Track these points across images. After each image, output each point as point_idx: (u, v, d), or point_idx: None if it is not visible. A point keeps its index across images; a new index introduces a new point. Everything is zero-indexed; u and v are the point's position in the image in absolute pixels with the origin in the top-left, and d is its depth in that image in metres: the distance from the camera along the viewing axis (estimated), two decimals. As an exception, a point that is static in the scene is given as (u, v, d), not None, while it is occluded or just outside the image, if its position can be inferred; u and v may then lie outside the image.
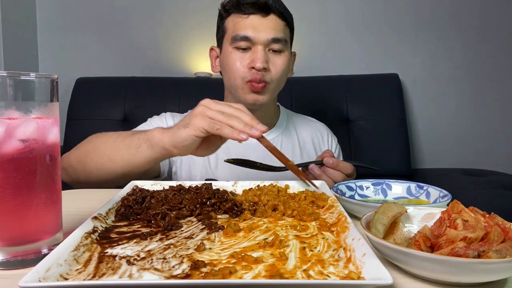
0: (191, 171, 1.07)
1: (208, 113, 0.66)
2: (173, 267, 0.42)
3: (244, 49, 1.00)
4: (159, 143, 0.71)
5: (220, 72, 1.12)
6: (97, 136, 0.88)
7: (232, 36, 1.00)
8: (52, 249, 0.42)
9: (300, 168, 0.91)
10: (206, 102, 0.69)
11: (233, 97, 1.07)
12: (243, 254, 0.44)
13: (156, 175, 1.03)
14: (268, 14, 0.99)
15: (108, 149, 0.81)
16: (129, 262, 0.43)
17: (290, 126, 1.17)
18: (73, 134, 1.81)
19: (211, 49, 1.13)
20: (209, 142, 0.72)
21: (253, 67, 0.97)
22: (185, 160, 1.07)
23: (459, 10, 2.09)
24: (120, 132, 0.85)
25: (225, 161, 0.84)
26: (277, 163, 0.96)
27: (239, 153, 1.07)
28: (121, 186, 0.73)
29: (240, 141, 0.63)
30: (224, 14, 1.05)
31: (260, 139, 0.66)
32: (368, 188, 0.76)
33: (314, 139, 1.18)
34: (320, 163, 0.87)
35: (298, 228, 0.54)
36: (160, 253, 0.46)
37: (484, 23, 2.10)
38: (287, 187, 0.75)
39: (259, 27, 0.98)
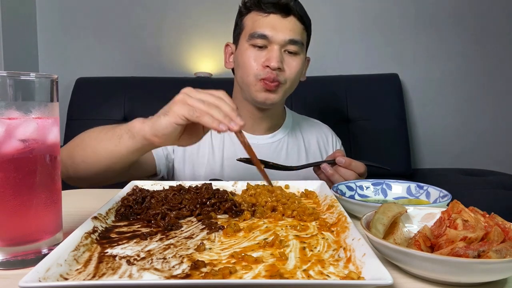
0: (195, 171, 1.07)
1: (188, 100, 0.65)
2: (173, 267, 0.42)
3: (260, 47, 1.00)
4: (140, 133, 0.70)
5: (233, 70, 1.13)
6: (87, 131, 0.88)
7: (250, 33, 1.00)
8: (52, 249, 0.42)
9: (312, 168, 0.91)
10: (187, 90, 0.68)
11: (244, 94, 1.07)
12: (243, 254, 0.44)
13: (151, 174, 1.03)
14: (288, 15, 1.00)
15: (92, 142, 0.81)
16: (129, 262, 0.43)
17: (296, 128, 1.18)
18: (73, 134, 1.79)
19: (227, 45, 1.13)
20: (191, 131, 0.71)
21: (267, 66, 0.98)
22: (188, 160, 1.07)
23: (459, 10, 2.09)
24: (106, 126, 0.84)
25: (237, 160, 0.84)
26: (289, 163, 0.96)
27: (244, 153, 1.07)
28: (120, 186, 0.73)
29: (218, 131, 0.63)
30: (244, 11, 1.06)
31: (237, 133, 0.66)
32: (368, 188, 0.76)
33: (320, 141, 1.19)
34: (332, 162, 0.88)
35: (298, 228, 0.54)
36: (160, 253, 0.46)
37: (484, 23, 2.10)
38: (287, 187, 0.75)
39: (278, 27, 0.98)
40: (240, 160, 0.84)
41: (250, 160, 0.83)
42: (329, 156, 0.92)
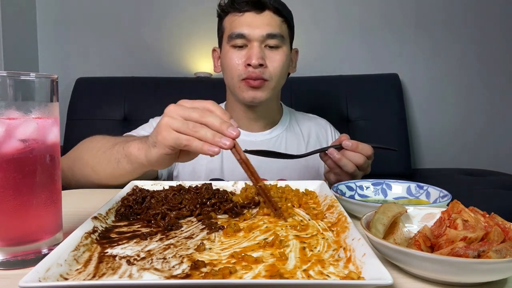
0: (195, 173, 1.07)
1: (173, 125, 0.59)
2: (173, 267, 0.42)
3: (241, 47, 1.00)
4: (137, 160, 0.69)
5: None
6: (86, 142, 0.87)
7: (229, 35, 1.01)
8: (52, 249, 0.42)
9: (318, 154, 0.88)
10: (170, 110, 0.61)
11: (233, 97, 1.07)
12: (243, 254, 0.44)
13: (153, 178, 1.03)
14: (262, 11, 1.00)
15: (91, 160, 0.81)
16: (129, 262, 0.43)
17: (294, 123, 1.18)
18: (73, 134, 1.81)
19: (214, 50, 1.14)
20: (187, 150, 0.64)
21: (249, 64, 0.97)
22: (189, 162, 1.07)
23: (459, 10, 2.09)
24: (105, 140, 0.82)
25: (244, 151, 0.82)
26: (297, 152, 0.93)
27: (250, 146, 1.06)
28: (120, 186, 0.73)
29: (211, 155, 0.57)
30: (222, 14, 1.06)
31: (233, 149, 0.58)
32: (368, 188, 0.76)
33: (319, 134, 1.18)
34: (338, 147, 0.85)
35: (298, 228, 0.54)
36: (160, 253, 0.46)
37: (484, 23, 2.10)
38: (287, 187, 0.75)
39: (254, 23, 0.99)
40: (249, 152, 0.80)
41: (257, 151, 0.81)
42: (335, 141, 0.89)
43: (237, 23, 1.00)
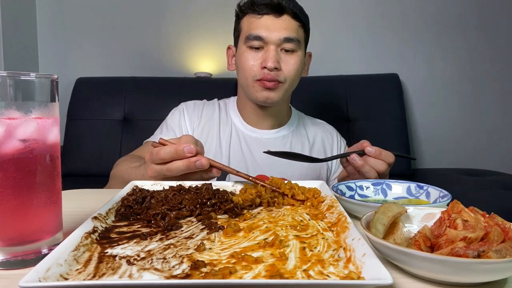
0: None
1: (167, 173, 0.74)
2: (173, 267, 0.42)
3: (257, 49, 1.01)
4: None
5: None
6: (116, 172, 0.97)
7: (246, 36, 1.02)
8: (52, 249, 0.42)
9: (339, 159, 0.88)
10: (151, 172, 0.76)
11: (245, 94, 1.08)
12: (243, 254, 0.44)
13: None
14: (281, 15, 1.01)
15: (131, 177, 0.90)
16: (129, 262, 0.43)
17: (301, 126, 1.19)
18: (73, 134, 1.81)
19: (228, 48, 1.16)
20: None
21: (265, 67, 0.99)
22: None
23: (459, 10, 2.09)
24: (130, 166, 0.93)
25: (264, 152, 0.82)
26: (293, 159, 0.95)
27: (253, 151, 1.07)
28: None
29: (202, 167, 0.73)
30: (240, 14, 1.08)
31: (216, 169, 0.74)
32: (368, 188, 0.76)
33: (324, 140, 1.20)
34: (361, 152, 0.83)
35: (298, 228, 0.54)
36: (160, 253, 0.46)
37: (484, 23, 2.10)
38: (289, 183, 0.75)
39: (272, 27, 1.00)
40: (268, 152, 0.81)
41: (277, 152, 0.81)
42: (354, 146, 0.87)
43: (255, 25, 1.01)
